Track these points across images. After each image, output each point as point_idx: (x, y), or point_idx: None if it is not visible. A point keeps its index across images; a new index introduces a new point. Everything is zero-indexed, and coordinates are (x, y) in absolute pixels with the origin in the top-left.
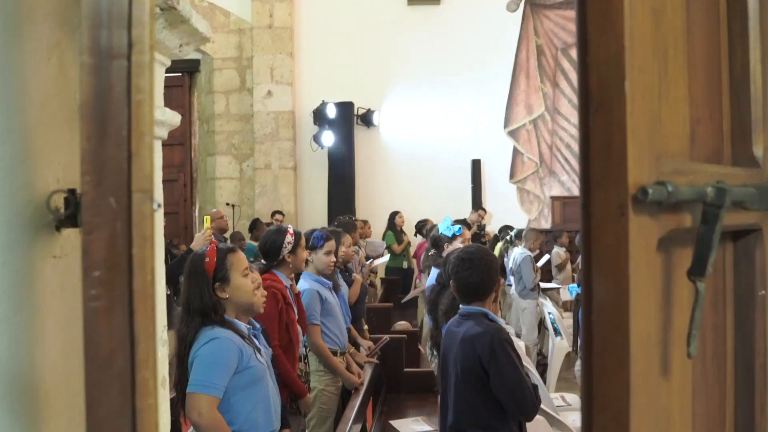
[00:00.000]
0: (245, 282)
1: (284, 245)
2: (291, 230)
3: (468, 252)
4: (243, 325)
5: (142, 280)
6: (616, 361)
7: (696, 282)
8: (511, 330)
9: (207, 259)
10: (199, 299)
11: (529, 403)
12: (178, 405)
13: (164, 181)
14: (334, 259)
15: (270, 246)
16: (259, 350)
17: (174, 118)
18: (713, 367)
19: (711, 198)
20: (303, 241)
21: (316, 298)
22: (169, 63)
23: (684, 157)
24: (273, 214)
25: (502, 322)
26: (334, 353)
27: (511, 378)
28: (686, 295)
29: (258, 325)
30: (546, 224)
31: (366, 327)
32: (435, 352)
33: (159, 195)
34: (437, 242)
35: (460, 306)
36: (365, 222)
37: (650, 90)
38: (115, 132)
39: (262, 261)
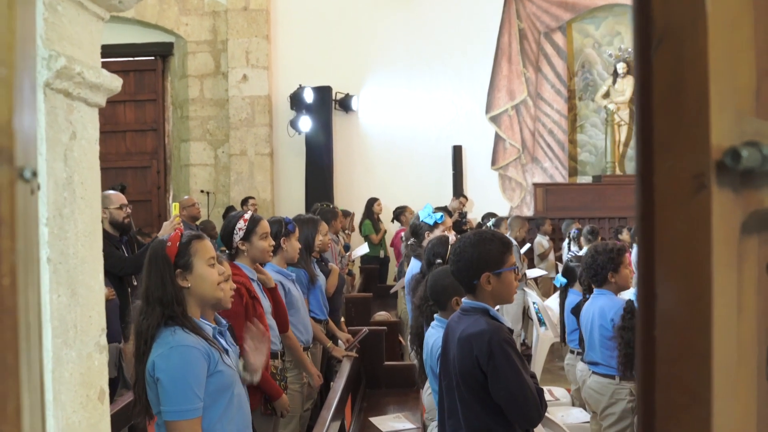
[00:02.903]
0: (210, 272)
1: (235, 231)
2: (246, 216)
3: (459, 240)
4: (207, 325)
5: None
6: (690, 396)
7: None
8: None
9: (169, 244)
10: (160, 288)
11: (533, 411)
12: (136, 407)
13: (137, 168)
14: (299, 245)
15: (223, 233)
16: (226, 351)
17: (113, 81)
18: None
19: None
20: (262, 229)
21: (280, 290)
22: (107, 16)
23: (751, 115)
24: (245, 200)
25: (505, 320)
26: None
27: (511, 383)
28: (753, 296)
29: (225, 322)
30: (528, 212)
31: (342, 319)
32: (416, 346)
33: (97, 173)
34: (417, 231)
35: (463, 300)
36: (348, 214)
37: (723, 23)
38: None
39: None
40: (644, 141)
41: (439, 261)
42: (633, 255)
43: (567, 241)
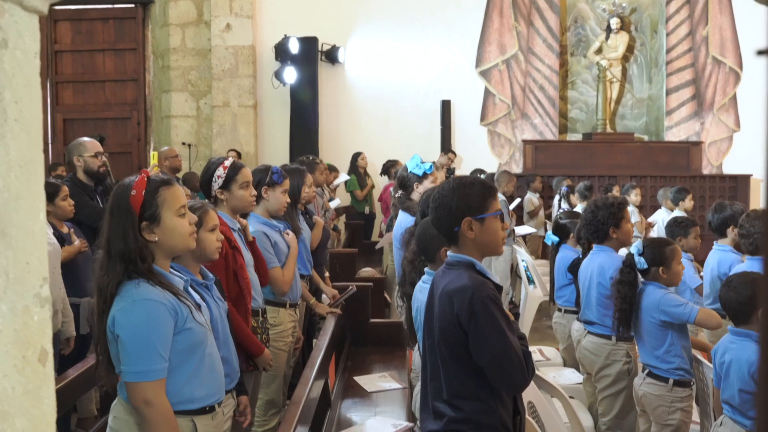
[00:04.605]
0: (180, 224)
1: (213, 179)
2: (227, 162)
3: (438, 187)
4: (178, 277)
5: None
6: None
7: None
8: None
9: (133, 192)
10: (121, 241)
11: (518, 375)
12: (99, 369)
13: (116, 119)
14: (288, 199)
15: (202, 181)
16: (198, 307)
17: None
18: None
19: None
20: (243, 177)
21: (265, 241)
22: None
23: None
24: (228, 153)
25: (492, 275)
26: (283, 305)
27: (494, 344)
28: None
29: (212, 276)
30: (517, 169)
31: (327, 275)
32: (404, 303)
33: (37, 94)
34: (405, 183)
35: (448, 253)
36: (334, 170)
37: None
38: None
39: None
40: None
41: None
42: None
43: (558, 197)
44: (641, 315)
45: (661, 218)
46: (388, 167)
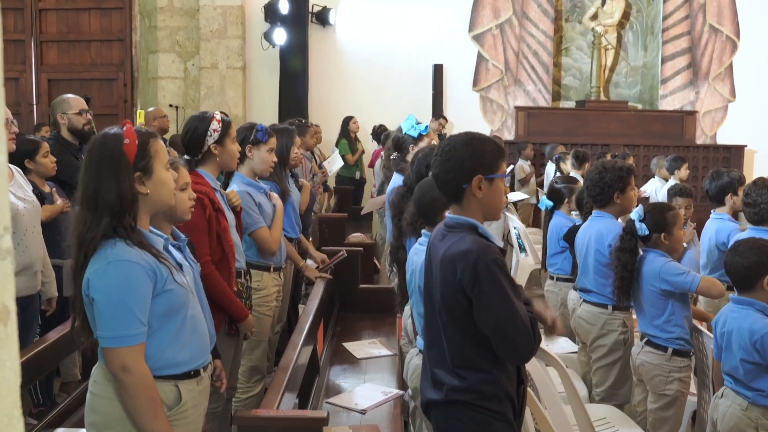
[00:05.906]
0: (169, 177)
1: (209, 133)
2: (218, 116)
3: (448, 140)
4: (156, 237)
5: None
6: None
7: None
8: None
9: (126, 141)
10: (114, 191)
11: (524, 344)
12: (75, 331)
13: (102, 80)
14: (275, 159)
15: (191, 135)
16: (180, 267)
17: None
18: None
19: None
20: (233, 131)
21: (250, 201)
22: None
23: None
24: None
25: (495, 238)
26: (267, 269)
27: (498, 311)
28: None
29: (183, 237)
30: (509, 135)
31: (310, 239)
32: (395, 269)
33: None
34: (400, 144)
35: (447, 214)
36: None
37: None
38: None
39: (185, 156)
40: None
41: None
42: None
43: (554, 167)
44: (642, 283)
45: (653, 188)
46: (379, 133)
